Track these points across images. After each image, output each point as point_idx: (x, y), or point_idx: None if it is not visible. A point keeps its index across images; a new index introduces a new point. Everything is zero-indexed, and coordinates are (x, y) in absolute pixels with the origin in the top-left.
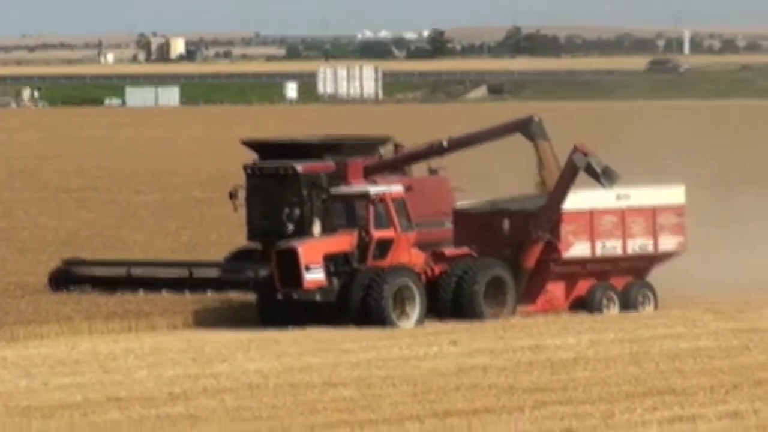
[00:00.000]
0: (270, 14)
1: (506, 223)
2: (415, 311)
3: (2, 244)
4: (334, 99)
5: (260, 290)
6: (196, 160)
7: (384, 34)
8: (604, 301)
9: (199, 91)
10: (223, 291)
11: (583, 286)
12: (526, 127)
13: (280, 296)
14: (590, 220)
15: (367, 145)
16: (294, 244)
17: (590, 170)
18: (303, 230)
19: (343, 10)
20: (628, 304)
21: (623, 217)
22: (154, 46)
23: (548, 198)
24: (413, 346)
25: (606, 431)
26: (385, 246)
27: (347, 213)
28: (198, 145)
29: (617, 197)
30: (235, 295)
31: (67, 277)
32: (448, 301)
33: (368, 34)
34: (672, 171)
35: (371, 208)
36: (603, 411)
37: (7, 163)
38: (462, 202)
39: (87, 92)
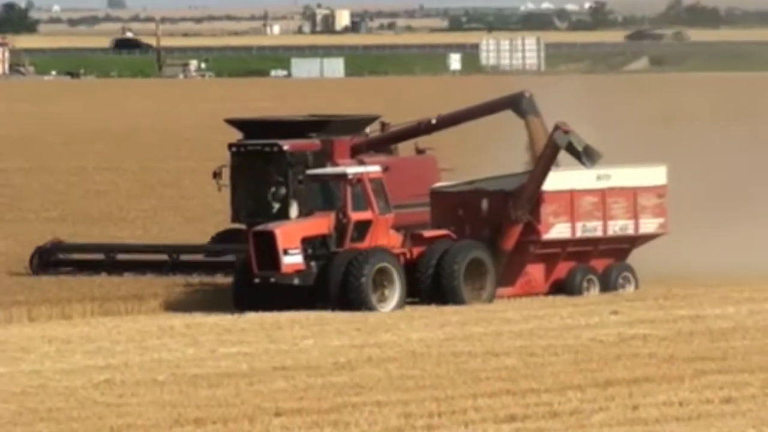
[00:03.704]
0: None
1: (484, 204)
2: (395, 294)
3: (170, 212)
4: (496, 70)
5: (236, 273)
6: None
7: (546, 5)
8: (584, 284)
9: (363, 62)
10: (207, 273)
11: (563, 269)
12: (516, 104)
13: (257, 280)
14: (570, 200)
15: (353, 124)
16: (272, 227)
17: (571, 149)
18: (289, 212)
19: None
20: (608, 286)
21: (604, 197)
22: (319, 18)
23: (528, 178)
24: (575, 315)
25: (765, 400)
26: (363, 228)
27: (323, 194)
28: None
29: (598, 177)
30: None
31: (49, 260)
32: (427, 284)
33: (530, 6)
34: None
35: (349, 190)
36: (762, 380)
37: (175, 133)
38: (440, 183)
39: (253, 64)
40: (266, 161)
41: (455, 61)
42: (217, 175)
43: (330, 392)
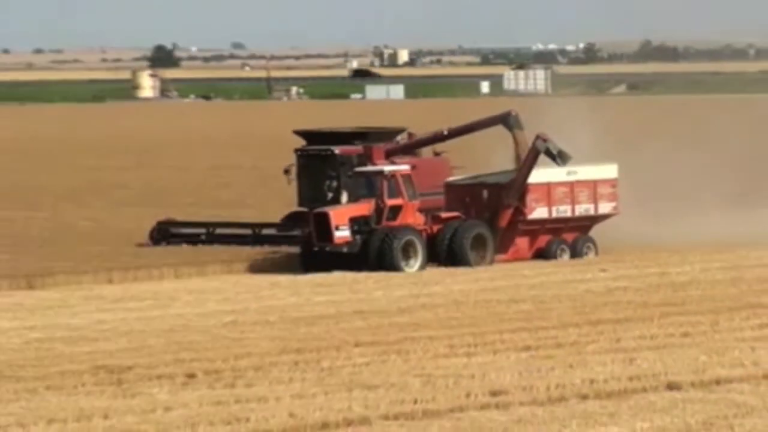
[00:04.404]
0: (468, 31)
1: (485, 193)
2: (418, 259)
3: (277, 198)
4: (516, 93)
5: (302, 244)
6: None
7: (551, 46)
8: (559, 252)
9: (418, 88)
10: (279, 245)
11: (542, 240)
12: (505, 120)
13: (316, 249)
14: (548, 190)
15: (387, 134)
16: (326, 210)
17: (548, 153)
18: (339, 199)
19: (522, 28)
20: (576, 253)
21: (572, 188)
22: (385, 56)
23: (516, 173)
24: (573, 273)
25: (713, 335)
26: (395, 211)
27: (367, 186)
28: (418, 127)
29: (567, 173)
30: None
31: (164, 234)
32: (444, 251)
33: (540, 46)
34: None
35: (385, 183)
36: (711, 320)
37: (281, 139)
38: (452, 178)
39: (337, 89)
40: (322, 162)
41: (485, 86)
42: (287, 172)
43: (394, 329)
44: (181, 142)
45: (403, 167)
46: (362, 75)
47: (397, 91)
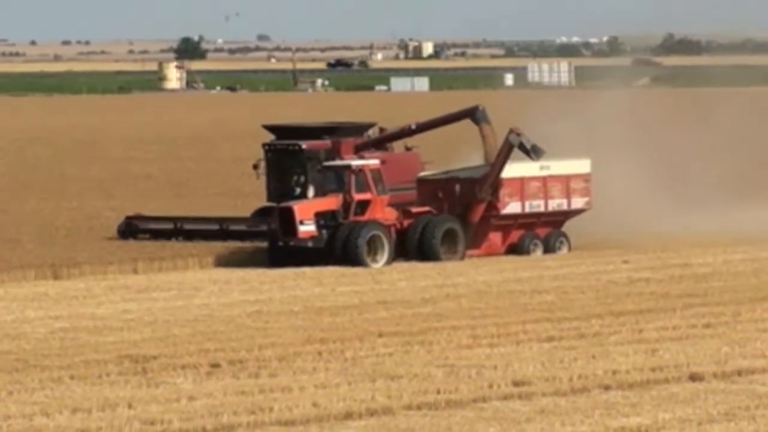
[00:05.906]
0: (493, 24)
1: (457, 188)
2: (384, 255)
3: None
4: (539, 86)
5: (269, 239)
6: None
7: (575, 39)
8: (531, 247)
9: (442, 80)
10: (247, 240)
11: (515, 235)
12: (473, 114)
13: (281, 243)
14: (521, 185)
15: (357, 128)
16: (291, 204)
17: (522, 147)
18: (306, 194)
19: (547, 21)
20: (548, 248)
21: (545, 183)
22: (410, 48)
23: (490, 168)
24: (596, 264)
25: (735, 326)
26: (364, 206)
27: (336, 181)
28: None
29: (541, 168)
30: None
31: (131, 229)
32: (414, 246)
33: (564, 39)
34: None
35: (353, 177)
36: (733, 311)
37: None
38: (424, 173)
39: (362, 81)
40: (290, 156)
41: (509, 79)
42: (256, 167)
43: (418, 319)
44: (206, 133)
45: (371, 162)
46: (339, 65)
47: (422, 84)
